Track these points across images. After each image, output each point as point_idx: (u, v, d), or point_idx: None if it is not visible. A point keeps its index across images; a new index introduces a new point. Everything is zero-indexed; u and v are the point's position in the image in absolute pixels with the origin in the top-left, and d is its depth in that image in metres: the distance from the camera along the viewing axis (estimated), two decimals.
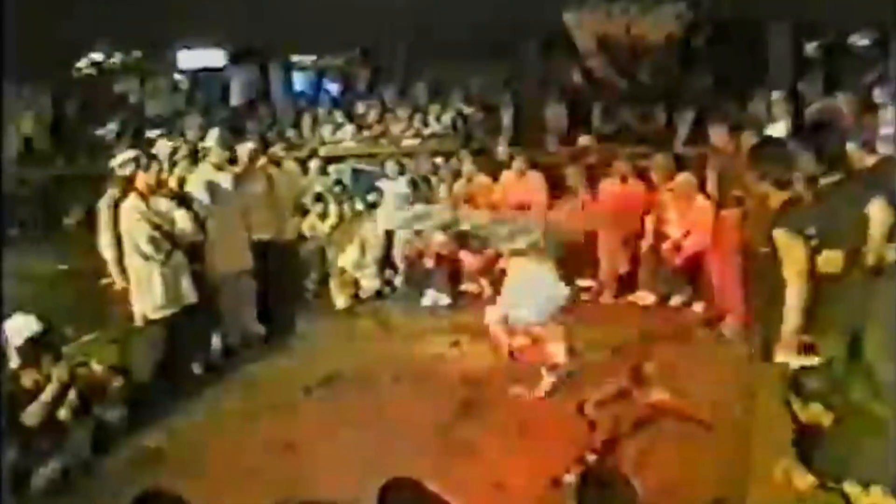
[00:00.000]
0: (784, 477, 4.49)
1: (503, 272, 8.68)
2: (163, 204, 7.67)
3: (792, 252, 4.87)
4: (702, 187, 9.17)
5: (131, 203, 7.43)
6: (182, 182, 8.33)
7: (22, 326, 6.38)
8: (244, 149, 9.13)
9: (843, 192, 5.18)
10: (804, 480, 4.39)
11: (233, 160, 8.87)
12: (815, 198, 5.11)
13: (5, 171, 13.45)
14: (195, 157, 8.71)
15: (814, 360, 4.21)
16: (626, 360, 7.82)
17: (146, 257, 7.42)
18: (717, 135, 8.82)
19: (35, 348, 6.36)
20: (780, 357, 4.97)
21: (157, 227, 7.45)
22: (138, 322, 7.52)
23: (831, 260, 4.91)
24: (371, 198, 10.94)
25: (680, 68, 11.96)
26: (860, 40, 11.28)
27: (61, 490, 6.14)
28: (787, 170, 5.12)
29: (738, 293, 8.34)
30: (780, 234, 4.93)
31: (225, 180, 8.64)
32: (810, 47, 11.49)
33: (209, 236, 8.22)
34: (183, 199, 8.08)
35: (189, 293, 7.74)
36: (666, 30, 11.83)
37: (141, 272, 7.46)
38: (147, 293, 7.47)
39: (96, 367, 7.13)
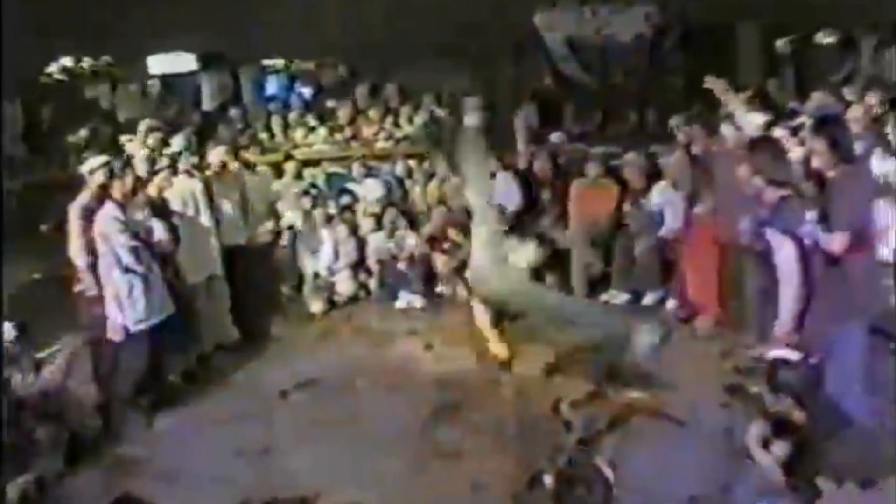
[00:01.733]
0: None
1: None
2: (139, 213, 7.60)
3: (785, 249, 4.91)
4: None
5: (109, 212, 7.29)
6: (161, 191, 8.30)
7: None
8: (215, 153, 9.12)
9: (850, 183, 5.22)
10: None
11: (196, 167, 8.86)
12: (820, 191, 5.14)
13: None
14: (175, 166, 8.66)
15: (795, 356, 4.25)
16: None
17: (126, 269, 7.31)
18: (687, 132, 8.91)
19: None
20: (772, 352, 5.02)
21: (135, 235, 7.36)
22: (115, 335, 7.42)
23: None
24: (344, 200, 10.92)
25: (650, 69, 12.00)
26: (825, 39, 11.35)
27: (36, 500, 6.13)
28: (783, 166, 5.16)
29: (711, 290, 8.39)
30: (771, 234, 4.97)
31: (195, 186, 8.62)
32: (781, 43, 11.54)
33: (180, 245, 8.22)
34: (160, 208, 8.07)
35: (168, 303, 7.64)
36: (636, 31, 11.87)
37: (120, 283, 7.31)
38: (128, 306, 7.33)
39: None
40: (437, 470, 6.14)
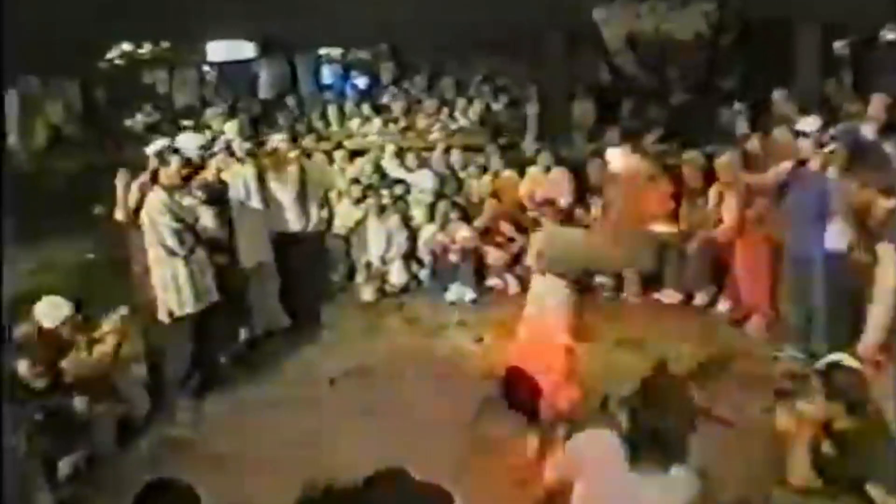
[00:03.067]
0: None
1: (529, 268, 8.71)
2: (186, 199, 7.64)
3: (892, 267, 4.80)
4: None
5: (156, 195, 7.35)
6: (219, 173, 8.37)
7: (53, 307, 6.47)
8: (275, 140, 9.17)
9: None
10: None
11: (252, 153, 8.90)
12: None
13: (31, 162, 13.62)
14: (231, 150, 8.71)
15: (858, 363, 4.18)
16: (649, 358, 7.80)
17: (170, 252, 7.34)
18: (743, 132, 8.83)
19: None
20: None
21: (180, 220, 7.40)
22: (163, 317, 7.49)
23: None
24: (398, 191, 10.92)
25: (707, 67, 11.89)
26: (889, 35, 11.15)
27: (86, 477, 6.21)
28: (891, 177, 5.04)
29: (764, 293, 8.31)
30: (884, 248, 4.85)
31: (247, 172, 8.67)
32: (839, 45, 11.37)
33: (235, 230, 8.27)
34: (219, 191, 8.13)
35: (213, 291, 7.68)
36: (694, 28, 11.77)
37: (165, 268, 7.36)
38: (173, 291, 7.38)
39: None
40: (482, 464, 6.13)
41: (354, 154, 11.92)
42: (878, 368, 4.89)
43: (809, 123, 7.67)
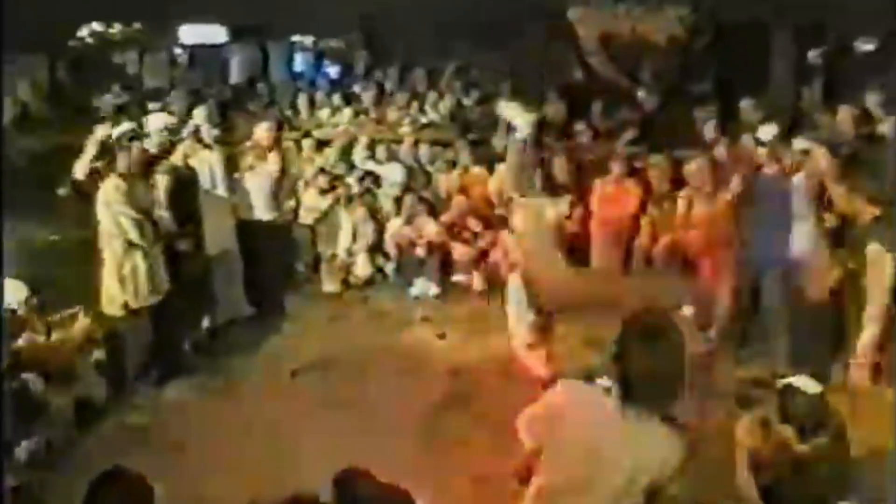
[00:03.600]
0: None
1: (495, 265, 8.73)
2: (140, 188, 7.52)
3: (880, 268, 4.83)
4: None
5: (114, 184, 7.20)
6: (186, 159, 8.29)
7: (10, 289, 6.42)
8: (262, 128, 9.12)
9: None
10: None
11: (220, 140, 8.83)
12: None
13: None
14: (198, 135, 8.64)
15: (818, 388, 4.17)
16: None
17: (130, 243, 7.23)
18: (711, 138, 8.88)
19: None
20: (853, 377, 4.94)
21: (141, 210, 7.31)
22: (113, 311, 7.38)
23: None
24: (367, 183, 10.87)
25: (681, 71, 11.94)
26: (864, 45, 11.24)
27: (44, 463, 6.15)
28: (881, 185, 5.08)
29: (728, 299, 8.32)
30: (873, 250, 4.88)
31: (213, 158, 8.61)
32: (812, 54, 11.44)
33: (201, 217, 8.21)
34: (186, 177, 8.06)
35: (165, 283, 7.56)
36: (669, 31, 11.82)
37: (125, 262, 7.24)
38: (130, 284, 7.27)
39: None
40: (443, 459, 6.13)
41: (322, 144, 11.84)
42: (877, 372, 4.91)
43: (767, 132, 7.72)
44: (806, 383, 4.30)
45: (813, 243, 7.09)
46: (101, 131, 7.45)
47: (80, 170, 7.41)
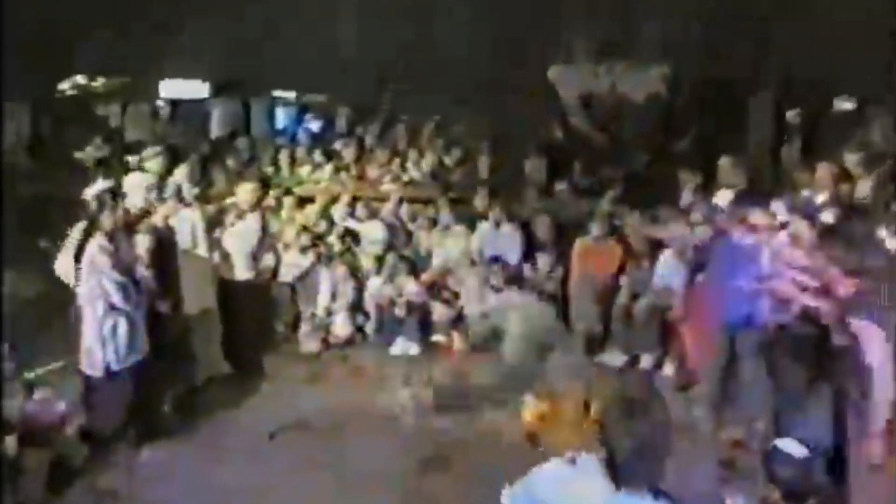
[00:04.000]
0: None
1: None
2: (124, 247, 7.45)
3: (874, 339, 4.80)
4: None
5: (99, 244, 7.12)
6: (167, 220, 8.27)
7: None
8: (245, 189, 9.12)
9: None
10: None
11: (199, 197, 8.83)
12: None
13: None
14: (181, 196, 8.63)
15: (801, 452, 4.12)
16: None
17: (112, 307, 7.16)
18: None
19: None
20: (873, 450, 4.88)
21: (125, 272, 7.26)
22: (94, 372, 7.24)
23: None
24: (348, 241, 10.85)
25: (662, 129, 12.03)
26: (843, 104, 11.35)
27: None
28: (859, 257, 5.06)
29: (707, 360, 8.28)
30: (862, 327, 4.85)
31: (194, 216, 8.60)
32: (791, 114, 11.55)
33: (180, 277, 8.17)
34: (167, 238, 8.04)
35: (145, 343, 7.45)
36: (650, 89, 11.92)
37: (106, 322, 7.14)
38: (111, 345, 7.17)
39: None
40: None
41: (303, 201, 11.85)
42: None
43: (723, 197, 7.75)
44: (791, 445, 4.24)
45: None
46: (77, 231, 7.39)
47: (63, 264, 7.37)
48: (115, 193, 7.57)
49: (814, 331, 5.52)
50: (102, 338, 7.13)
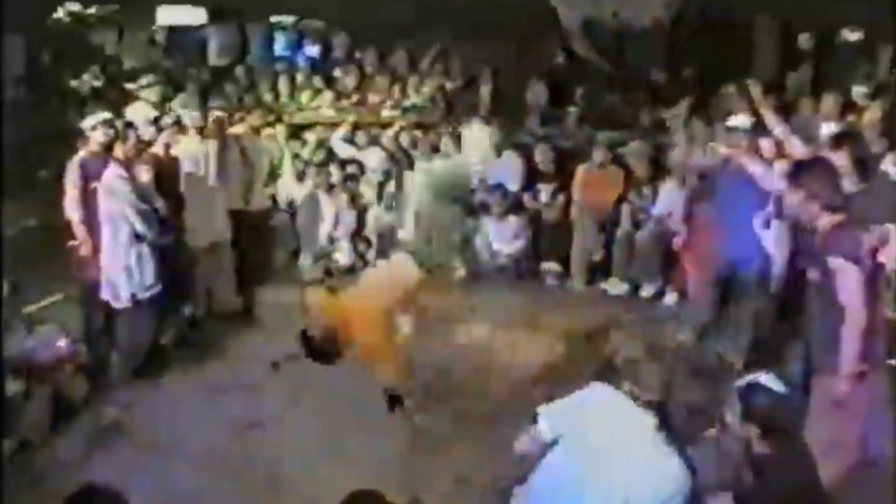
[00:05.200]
0: None
1: None
2: (143, 175, 7.43)
3: (849, 279, 4.77)
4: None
5: (115, 172, 7.13)
6: (167, 149, 8.19)
7: None
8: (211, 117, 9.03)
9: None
10: None
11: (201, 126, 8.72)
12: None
13: None
14: (180, 123, 8.53)
15: (779, 387, 4.06)
16: (595, 350, 7.77)
17: (137, 237, 7.19)
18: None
19: None
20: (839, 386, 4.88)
21: (145, 200, 7.20)
22: (118, 303, 7.29)
23: None
24: (350, 170, 10.74)
25: (665, 57, 11.87)
26: (851, 35, 11.18)
27: (21, 462, 6.09)
28: (837, 192, 5.01)
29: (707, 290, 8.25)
30: (838, 264, 4.81)
31: (206, 147, 8.51)
32: (803, 38, 11.35)
33: (188, 207, 8.12)
34: (170, 167, 7.97)
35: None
36: (653, 15, 11.76)
37: (129, 251, 7.19)
38: (137, 274, 7.22)
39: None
40: (423, 457, 6.10)
41: (301, 128, 11.76)
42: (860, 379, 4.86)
43: (740, 121, 7.65)
44: (769, 379, 4.17)
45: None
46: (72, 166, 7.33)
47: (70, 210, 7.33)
48: (129, 124, 7.53)
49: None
50: (128, 267, 7.13)
